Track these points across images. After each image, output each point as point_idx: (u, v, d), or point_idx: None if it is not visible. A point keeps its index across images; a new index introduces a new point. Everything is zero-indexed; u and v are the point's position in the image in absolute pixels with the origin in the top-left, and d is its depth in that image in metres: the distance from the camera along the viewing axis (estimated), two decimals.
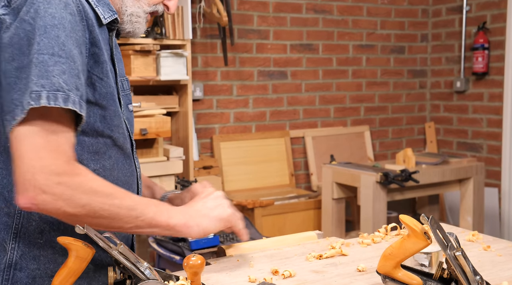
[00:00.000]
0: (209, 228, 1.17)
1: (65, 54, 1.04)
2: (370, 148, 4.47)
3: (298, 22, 4.19)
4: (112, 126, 1.18)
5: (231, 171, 3.92)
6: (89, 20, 1.12)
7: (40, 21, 1.04)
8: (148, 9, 1.26)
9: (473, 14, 4.39)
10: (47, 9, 1.05)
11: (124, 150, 1.23)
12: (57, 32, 1.04)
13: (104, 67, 1.14)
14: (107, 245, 1.00)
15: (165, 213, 1.13)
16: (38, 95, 1.00)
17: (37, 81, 1.01)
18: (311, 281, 1.15)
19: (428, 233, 1.01)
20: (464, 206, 3.65)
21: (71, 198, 1.02)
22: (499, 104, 4.22)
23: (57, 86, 1.02)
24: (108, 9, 1.20)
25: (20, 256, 1.15)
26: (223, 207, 1.22)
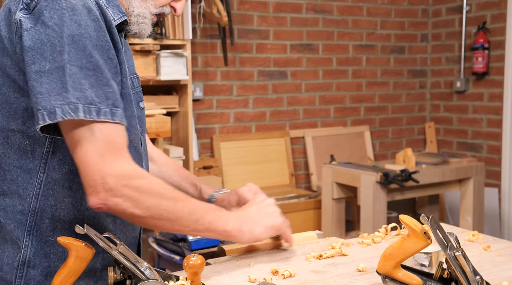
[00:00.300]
0: (261, 235, 1.24)
1: (93, 66, 1.06)
2: (370, 148, 4.47)
3: (298, 22, 4.19)
4: (130, 126, 1.19)
5: (231, 171, 3.92)
6: (108, 22, 1.13)
7: (67, 29, 1.05)
8: (155, 11, 1.26)
9: (473, 14, 4.39)
10: (72, 16, 1.06)
11: (138, 150, 1.25)
12: (84, 42, 1.06)
13: (123, 68, 1.16)
14: (107, 245, 1.00)
15: (222, 219, 1.18)
16: (76, 108, 1.04)
17: (73, 93, 1.04)
18: (311, 281, 1.15)
19: (428, 233, 1.01)
20: (464, 206, 3.65)
21: (138, 200, 1.07)
22: (499, 104, 4.22)
23: (90, 100, 1.05)
24: (118, 10, 1.20)
25: (33, 253, 1.16)
26: (275, 215, 1.28)
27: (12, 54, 1.10)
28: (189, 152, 3.40)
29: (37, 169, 1.14)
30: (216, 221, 1.17)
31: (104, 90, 1.07)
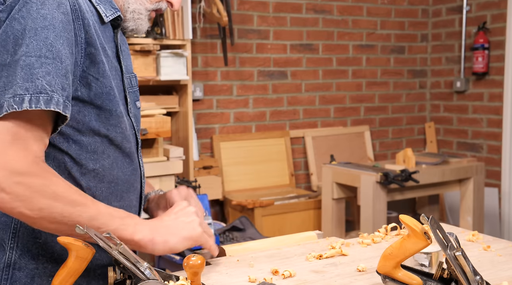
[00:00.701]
0: (176, 247, 1.15)
1: (52, 55, 1.03)
2: (370, 148, 4.47)
3: (298, 22, 4.19)
4: (108, 125, 1.17)
5: (231, 171, 3.92)
6: (85, 19, 1.10)
7: (32, 22, 1.03)
8: (151, 7, 1.25)
9: (473, 14, 4.39)
10: (39, 10, 1.04)
11: (122, 149, 1.22)
12: (46, 33, 1.03)
13: (100, 67, 1.14)
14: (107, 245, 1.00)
15: (130, 228, 1.11)
16: (21, 99, 1.00)
17: (22, 84, 1.01)
18: (311, 281, 1.15)
19: (428, 233, 1.01)
20: (464, 206, 3.65)
21: (29, 200, 1.00)
22: (499, 104, 4.22)
23: (40, 88, 1.01)
24: (110, 6, 1.19)
25: (19, 255, 1.14)
26: (193, 226, 1.18)
27: None
28: (189, 152, 3.40)
29: None
30: (122, 229, 1.09)
31: (61, 79, 1.03)
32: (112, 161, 1.20)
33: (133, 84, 1.33)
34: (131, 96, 1.30)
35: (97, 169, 1.18)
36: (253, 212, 3.55)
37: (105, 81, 1.15)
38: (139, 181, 1.31)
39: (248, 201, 3.55)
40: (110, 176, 1.20)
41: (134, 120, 1.29)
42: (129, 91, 1.29)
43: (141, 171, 1.32)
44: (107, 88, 1.16)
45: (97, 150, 1.17)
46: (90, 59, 1.12)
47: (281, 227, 3.64)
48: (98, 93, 1.14)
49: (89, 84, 1.13)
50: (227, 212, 3.81)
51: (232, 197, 3.75)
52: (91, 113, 1.15)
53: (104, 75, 1.15)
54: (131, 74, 1.33)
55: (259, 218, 3.57)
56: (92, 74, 1.13)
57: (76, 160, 1.15)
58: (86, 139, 1.15)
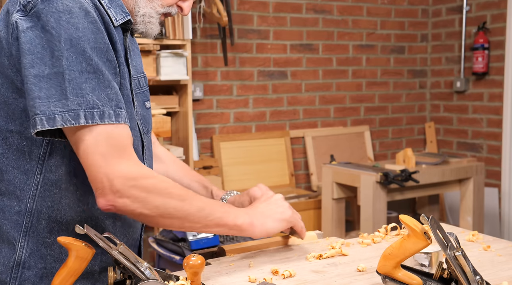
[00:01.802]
0: (273, 228, 1.24)
1: (93, 69, 1.06)
2: (370, 148, 4.47)
3: (298, 22, 4.19)
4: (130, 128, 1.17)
5: (231, 171, 3.92)
6: (106, 23, 1.12)
7: (64, 33, 1.05)
8: (161, 10, 1.25)
9: (473, 14, 4.39)
10: (69, 19, 1.05)
11: (138, 152, 1.23)
12: (82, 45, 1.06)
13: (121, 69, 1.15)
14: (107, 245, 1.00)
15: (232, 214, 1.20)
16: (77, 115, 1.04)
17: (73, 99, 1.04)
18: (311, 281, 1.15)
19: (428, 233, 1.01)
20: (464, 206, 3.65)
21: (146, 200, 1.08)
22: (499, 104, 4.22)
23: (92, 104, 1.05)
24: (121, 10, 1.20)
25: (29, 254, 1.16)
26: (285, 209, 1.29)
27: (9, 55, 1.10)
28: (189, 152, 3.40)
29: (34, 170, 1.13)
30: (226, 216, 1.18)
31: (106, 92, 1.07)
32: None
33: (142, 84, 1.34)
34: (140, 97, 1.31)
35: None
36: None
37: (125, 83, 1.17)
38: None
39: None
40: None
41: (141, 122, 1.29)
42: (137, 92, 1.30)
43: None
44: (127, 90, 1.18)
45: None
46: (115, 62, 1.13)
47: None
48: (122, 95, 1.15)
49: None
50: None
51: None
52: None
53: (124, 77, 1.17)
54: (141, 74, 1.34)
55: None
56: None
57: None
58: None
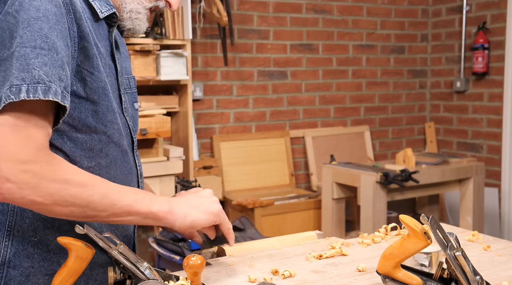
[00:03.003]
0: (198, 220, 1.13)
1: (48, 46, 1.02)
2: (370, 148, 4.47)
3: (298, 22, 4.19)
4: (106, 121, 1.16)
5: (231, 171, 3.92)
6: (77, 13, 1.10)
7: (24, 14, 1.03)
8: (148, 5, 1.24)
9: (473, 14, 4.39)
10: (31, 2, 1.04)
11: (121, 146, 1.21)
12: (40, 24, 1.03)
13: (94, 61, 1.13)
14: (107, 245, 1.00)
15: (147, 200, 1.09)
16: (18, 89, 0.99)
17: (18, 74, 1.00)
18: (311, 281, 1.15)
19: (428, 233, 1.01)
20: (464, 206, 3.65)
21: (38, 187, 0.99)
22: (499, 104, 4.22)
23: (37, 79, 1.00)
24: (105, 3, 1.19)
25: (13, 254, 1.14)
26: (212, 201, 1.17)
27: None
28: (189, 152, 3.40)
29: None
30: (138, 203, 1.07)
31: (58, 71, 1.02)
32: (110, 160, 1.19)
33: (132, 85, 1.33)
34: (129, 97, 1.30)
35: (93, 167, 1.16)
36: (253, 212, 3.55)
37: (100, 75, 1.14)
38: (135, 181, 1.30)
39: (248, 201, 3.55)
40: (107, 175, 1.18)
41: (130, 119, 1.28)
42: (127, 91, 1.28)
43: (137, 171, 1.31)
44: (102, 83, 1.14)
45: (93, 148, 1.16)
46: (84, 53, 1.11)
47: (281, 227, 3.64)
48: (93, 87, 1.13)
49: (84, 78, 1.12)
50: (227, 212, 3.81)
51: (232, 197, 3.75)
52: (88, 109, 1.13)
53: (98, 70, 1.13)
54: (130, 76, 1.33)
55: (259, 218, 3.57)
56: (86, 68, 1.12)
57: (71, 157, 1.14)
58: (82, 137, 1.14)
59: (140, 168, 1.32)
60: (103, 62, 1.17)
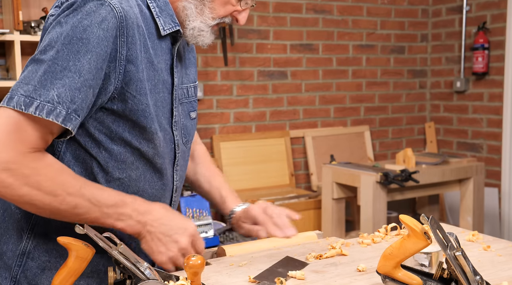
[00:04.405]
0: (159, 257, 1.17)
1: (75, 68, 1.05)
2: (370, 148, 4.47)
3: (298, 22, 4.19)
4: (141, 139, 1.18)
5: (231, 171, 3.92)
6: (131, 37, 1.11)
7: (71, 30, 1.06)
8: (212, 23, 1.23)
9: (473, 14, 4.39)
10: (82, 20, 1.06)
11: (153, 164, 1.22)
12: (79, 47, 1.06)
13: (138, 85, 1.14)
14: (107, 245, 1.00)
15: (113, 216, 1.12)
16: (31, 102, 1.04)
17: (38, 87, 1.04)
18: (311, 281, 1.15)
19: (428, 233, 1.01)
20: (464, 206, 3.65)
21: (11, 187, 1.04)
22: (499, 104, 4.22)
23: (49, 98, 1.04)
24: (170, 20, 1.20)
25: (34, 246, 1.19)
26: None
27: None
28: None
29: None
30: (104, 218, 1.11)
31: (73, 93, 1.06)
32: (140, 173, 1.21)
33: (191, 94, 1.33)
34: (186, 107, 1.31)
35: (123, 178, 1.19)
36: None
37: (141, 98, 1.15)
38: (168, 197, 1.31)
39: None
40: (135, 187, 1.21)
41: (179, 132, 1.29)
42: (184, 101, 1.30)
43: (173, 186, 1.32)
44: (142, 105, 1.16)
45: (126, 160, 1.18)
46: (128, 76, 1.13)
47: None
48: (133, 109, 1.15)
49: (125, 100, 1.14)
50: None
51: None
52: (125, 125, 1.16)
53: (141, 93, 1.15)
54: (191, 84, 1.34)
55: None
56: (130, 91, 1.14)
57: (103, 166, 1.17)
58: (117, 148, 1.17)
59: (177, 183, 1.33)
60: (155, 80, 1.18)
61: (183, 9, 1.21)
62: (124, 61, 1.11)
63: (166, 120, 1.23)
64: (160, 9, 1.19)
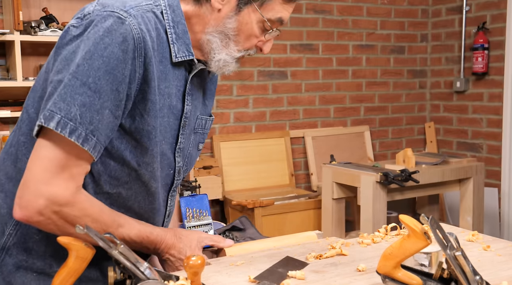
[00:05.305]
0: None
1: (96, 88, 1.06)
2: (370, 148, 4.47)
3: (298, 22, 4.19)
4: (141, 161, 1.18)
5: (231, 171, 3.92)
6: (148, 58, 1.11)
7: (92, 46, 1.06)
8: (238, 55, 1.25)
9: (473, 14, 4.39)
10: (104, 37, 1.07)
11: (148, 187, 1.23)
12: (100, 64, 1.06)
13: (148, 105, 1.14)
14: (107, 245, 1.00)
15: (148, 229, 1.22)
16: (51, 116, 1.04)
17: (58, 101, 1.05)
18: (311, 281, 1.15)
19: (428, 233, 1.01)
20: (464, 206, 3.65)
21: (62, 226, 1.09)
22: (499, 104, 4.22)
23: (72, 116, 1.05)
24: (185, 49, 1.20)
25: (13, 243, 1.18)
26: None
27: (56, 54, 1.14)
28: None
29: None
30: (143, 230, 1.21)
31: (92, 114, 1.06)
32: (132, 193, 1.21)
33: (207, 127, 1.34)
34: (198, 137, 1.32)
35: (112, 194, 1.19)
36: (253, 212, 3.55)
37: (149, 119, 1.15)
38: (160, 221, 1.32)
39: (248, 201, 3.55)
40: (123, 204, 1.22)
41: (183, 160, 1.29)
42: (199, 132, 1.31)
43: (166, 211, 1.33)
44: (149, 127, 1.16)
45: (120, 179, 1.18)
46: (142, 95, 1.13)
47: (281, 227, 3.64)
48: (138, 128, 1.15)
49: (133, 116, 1.14)
50: (227, 212, 3.81)
51: (232, 197, 3.75)
52: (128, 143, 1.16)
53: (149, 114, 1.15)
54: (208, 117, 1.35)
55: (259, 218, 3.57)
56: (139, 109, 1.14)
57: (95, 178, 1.17)
58: (114, 165, 1.17)
59: (170, 208, 1.34)
60: (163, 103, 1.18)
61: (208, 42, 1.22)
62: (141, 80, 1.12)
63: (168, 146, 1.23)
64: (178, 36, 1.19)
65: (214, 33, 1.21)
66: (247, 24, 1.22)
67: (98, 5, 1.13)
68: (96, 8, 1.12)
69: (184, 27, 1.20)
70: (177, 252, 1.26)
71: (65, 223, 1.09)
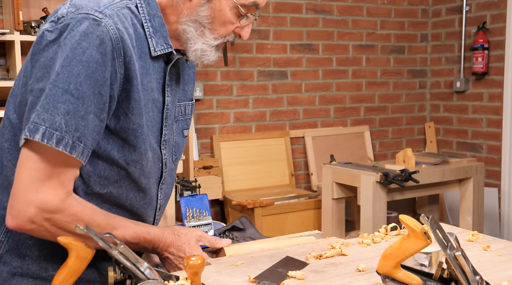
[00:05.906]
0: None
1: (78, 94, 1.05)
2: (370, 148, 4.47)
3: (298, 22, 4.19)
4: (129, 160, 1.18)
5: (231, 171, 3.92)
6: (127, 57, 1.10)
7: (70, 52, 1.05)
8: (215, 43, 1.23)
9: (473, 14, 4.39)
10: (81, 41, 1.05)
11: (138, 184, 1.23)
12: (80, 69, 1.04)
13: (131, 104, 1.14)
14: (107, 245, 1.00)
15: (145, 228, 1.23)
16: (36, 129, 1.03)
17: (41, 113, 1.04)
18: (311, 281, 1.15)
19: (428, 233, 1.01)
20: (464, 206, 3.65)
21: (54, 232, 1.09)
22: (499, 104, 4.22)
23: (57, 125, 1.04)
24: (163, 41, 1.19)
25: (6, 251, 1.17)
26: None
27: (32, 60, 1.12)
28: (189, 152, 3.40)
29: None
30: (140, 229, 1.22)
31: (77, 121, 1.05)
32: (123, 191, 1.21)
33: (187, 112, 1.33)
34: (180, 125, 1.31)
35: (103, 194, 1.19)
36: (253, 212, 3.55)
37: (133, 118, 1.15)
38: (152, 215, 1.32)
39: (248, 201, 3.55)
40: (114, 202, 1.21)
41: (169, 150, 1.29)
42: (180, 119, 1.30)
43: (157, 205, 1.32)
44: (134, 125, 1.16)
45: (110, 178, 1.18)
46: (125, 94, 1.13)
47: (281, 227, 3.64)
48: (124, 127, 1.14)
49: (118, 116, 1.13)
50: (227, 212, 3.81)
51: (232, 197, 3.74)
52: (115, 143, 1.15)
53: (133, 112, 1.15)
54: (188, 102, 1.33)
55: (259, 218, 3.57)
56: (123, 108, 1.13)
57: (85, 180, 1.16)
58: (103, 164, 1.16)
59: (161, 201, 1.34)
60: (146, 99, 1.17)
61: (183, 31, 1.21)
62: (123, 79, 1.11)
63: (155, 139, 1.23)
64: (155, 29, 1.18)
65: (188, 22, 1.20)
66: (221, 11, 1.19)
67: (71, 7, 1.10)
68: (69, 10, 1.09)
69: (161, 20, 1.19)
70: (176, 250, 1.26)
71: (58, 229, 1.08)
